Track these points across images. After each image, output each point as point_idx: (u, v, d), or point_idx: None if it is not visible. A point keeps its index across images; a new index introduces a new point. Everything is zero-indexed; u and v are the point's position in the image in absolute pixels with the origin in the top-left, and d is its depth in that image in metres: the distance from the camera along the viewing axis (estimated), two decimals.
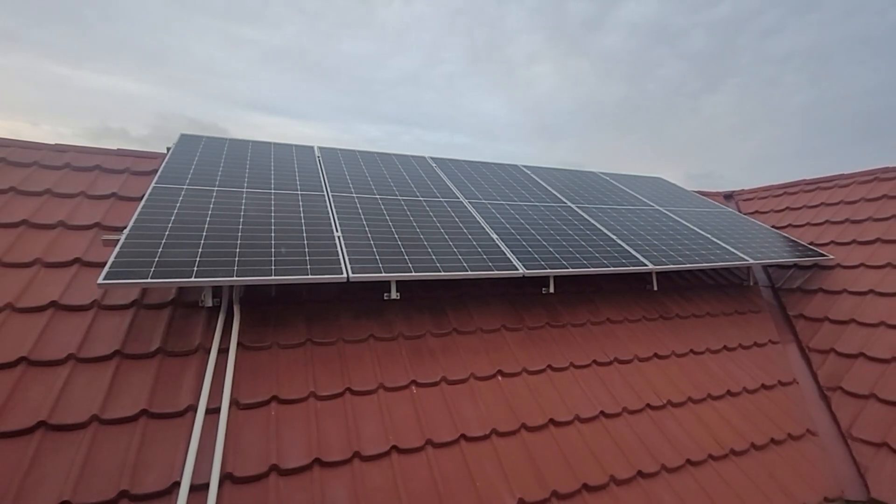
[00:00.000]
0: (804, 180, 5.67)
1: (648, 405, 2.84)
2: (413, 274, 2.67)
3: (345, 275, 2.49)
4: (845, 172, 5.27)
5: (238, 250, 2.48)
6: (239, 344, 2.45)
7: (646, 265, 3.39)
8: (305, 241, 2.72)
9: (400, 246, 2.93)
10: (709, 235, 4.23)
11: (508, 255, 3.10)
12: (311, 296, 2.92)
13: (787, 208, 5.46)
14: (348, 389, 2.40)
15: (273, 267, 2.41)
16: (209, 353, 2.36)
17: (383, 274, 2.60)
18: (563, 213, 4.04)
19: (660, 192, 5.40)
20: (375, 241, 2.92)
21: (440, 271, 2.75)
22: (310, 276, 2.41)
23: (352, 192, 3.55)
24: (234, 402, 2.18)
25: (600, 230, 3.85)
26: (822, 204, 5.09)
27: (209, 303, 2.57)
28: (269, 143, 4.22)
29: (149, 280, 2.12)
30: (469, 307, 3.20)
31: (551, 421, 2.54)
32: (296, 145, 4.30)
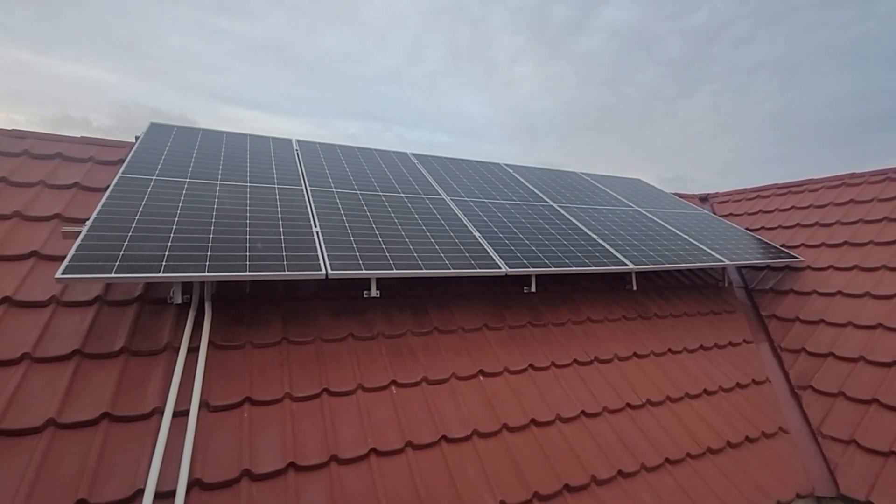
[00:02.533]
0: (776, 184, 5.83)
1: (628, 404, 2.84)
2: (394, 271, 2.60)
3: (323, 271, 2.41)
4: (815, 177, 5.44)
5: (210, 245, 2.37)
6: (210, 343, 2.33)
7: (626, 265, 3.41)
8: (282, 237, 2.62)
9: (381, 242, 2.86)
10: (686, 236, 4.29)
11: (491, 254, 3.06)
12: (288, 293, 2.82)
13: (760, 211, 5.60)
14: (326, 390, 2.32)
15: (248, 262, 2.31)
16: (178, 352, 2.24)
17: (363, 271, 2.53)
18: (546, 213, 4.03)
19: (639, 193, 5.47)
20: (355, 236, 2.84)
21: (422, 269, 2.69)
22: (287, 273, 2.31)
23: (331, 187, 3.45)
24: (203, 404, 2.07)
25: (582, 230, 3.85)
26: (793, 207, 5.24)
27: (178, 299, 2.45)
28: (245, 134, 4.08)
29: (112, 275, 1.99)
30: (451, 306, 3.15)
31: (533, 421, 2.52)
32: (273, 138, 4.16)
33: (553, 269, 3.10)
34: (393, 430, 2.25)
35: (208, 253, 2.29)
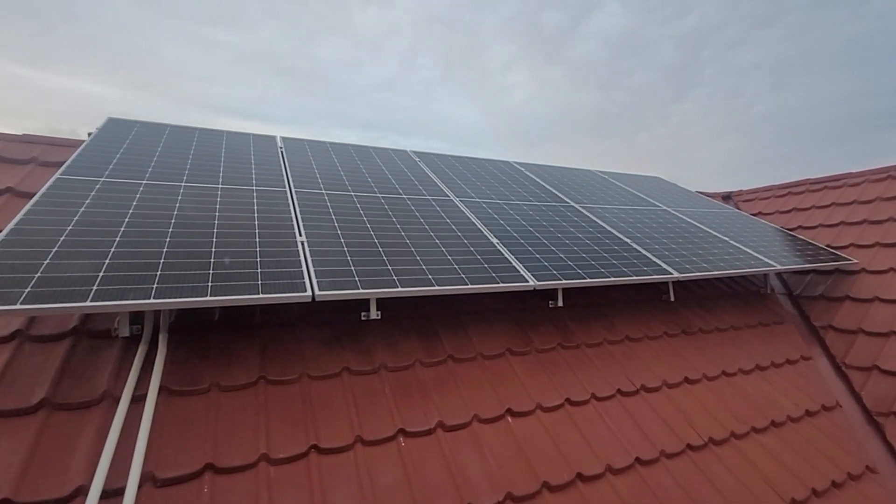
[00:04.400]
0: (808, 179, 5.35)
1: (689, 445, 2.32)
2: (399, 289, 2.08)
3: (309, 292, 1.88)
4: (854, 171, 4.97)
5: (162, 261, 1.84)
6: (162, 388, 1.80)
7: (670, 273, 2.90)
8: (258, 249, 2.10)
9: (381, 253, 2.34)
10: (726, 238, 3.80)
11: (514, 264, 2.55)
12: (268, 318, 2.29)
13: (793, 209, 5.11)
14: (314, 447, 1.78)
15: (209, 284, 1.78)
16: (118, 402, 1.71)
17: (360, 290, 2.00)
18: (568, 214, 3.53)
19: (663, 191, 4.98)
20: (350, 247, 2.32)
21: (433, 285, 2.17)
22: (260, 296, 1.78)
23: (321, 189, 2.93)
24: (147, 478, 1.54)
25: (612, 233, 3.35)
26: (833, 204, 4.75)
27: (126, 332, 1.92)
28: (222, 131, 3.56)
29: (16, 306, 1.46)
30: (466, 327, 2.62)
31: (579, 476, 1.99)
32: (254, 135, 3.64)
33: (589, 280, 2.58)
34: (403, 498, 1.71)
35: (157, 273, 1.76)
